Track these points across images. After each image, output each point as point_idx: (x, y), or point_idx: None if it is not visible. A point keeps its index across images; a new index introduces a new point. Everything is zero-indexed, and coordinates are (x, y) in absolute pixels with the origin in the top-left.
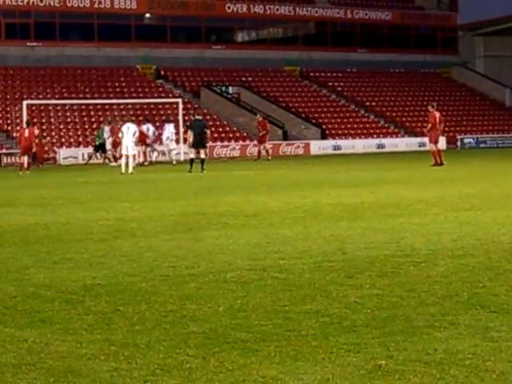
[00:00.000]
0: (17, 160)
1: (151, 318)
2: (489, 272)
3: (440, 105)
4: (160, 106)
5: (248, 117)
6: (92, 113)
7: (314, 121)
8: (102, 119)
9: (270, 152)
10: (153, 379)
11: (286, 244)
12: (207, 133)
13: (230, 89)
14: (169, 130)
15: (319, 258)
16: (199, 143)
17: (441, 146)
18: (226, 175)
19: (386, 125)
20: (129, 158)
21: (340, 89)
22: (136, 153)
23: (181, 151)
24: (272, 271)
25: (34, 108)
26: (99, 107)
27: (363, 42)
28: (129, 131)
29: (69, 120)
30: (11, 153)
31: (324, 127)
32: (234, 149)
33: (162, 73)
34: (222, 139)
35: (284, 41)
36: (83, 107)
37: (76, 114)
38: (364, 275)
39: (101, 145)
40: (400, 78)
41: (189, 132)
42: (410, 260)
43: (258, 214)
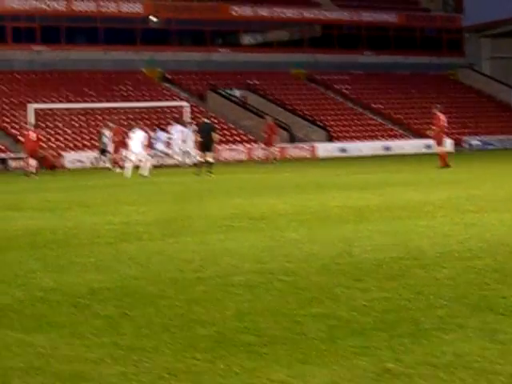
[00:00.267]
0: (24, 164)
1: (159, 322)
2: (496, 274)
3: (446, 107)
4: (166, 110)
5: (254, 120)
6: (98, 116)
7: (321, 123)
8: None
9: (278, 155)
10: (160, 383)
11: (293, 247)
12: (214, 136)
13: (237, 92)
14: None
15: (326, 261)
16: (205, 147)
17: (447, 148)
18: (233, 178)
19: (393, 127)
20: (137, 157)
21: (346, 91)
22: (147, 157)
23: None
24: (279, 274)
25: (41, 112)
26: (105, 111)
27: (369, 45)
28: (137, 136)
29: (75, 124)
30: (18, 157)
31: (330, 130)
32: (241, 152)
33: (168, 76)
34: (229, 142)
35: (290, 44)
36: (89, 111)
37: (84, 118)
38: (371, 278)
39: (103, 150)
40: (406, 80)
41: (197, 135)
42: (418, 262)
43: (265, 217)
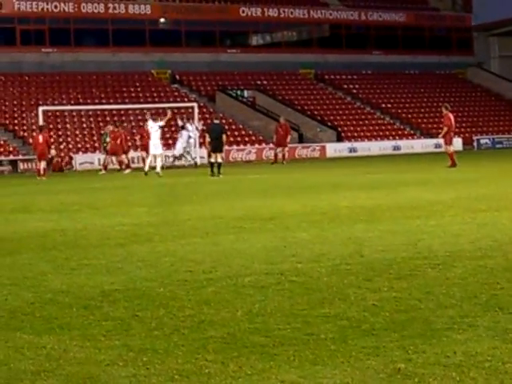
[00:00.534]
0: (33, 166)
1: (169, 324)
2: (507, 273)
3: (455, 106)
4: (175, 111)
5: (263, 120)
6: (108, 118)
7: (330, 123)
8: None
9: (287, 156)
10: None
11: (304, 247)
12: (223, 137)
13: (245, 92)
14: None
15: (337, 261)
16: (215, 147)
17: (455, 147)
18: (243, 179)
19: (402, 126)
20: (156, 158)
21: (355, 91)
22: (163, 152)
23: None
24: (290, 275)
25: (50, 114)
26: (115, 112)
27: (378, 44)
28: (153, 129)
29: (84, 125)
30: (27, 159)
31: (340, 130)
32: (250, 152)
33: (177, 77)
34: (238, 143)
35: (298, 44)
36: (98, 113)
37: (91, 120)
38: (382, 278)
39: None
40: (415, 80)
41: (206, 136)
42: (428, 262)
43: (275, 218)
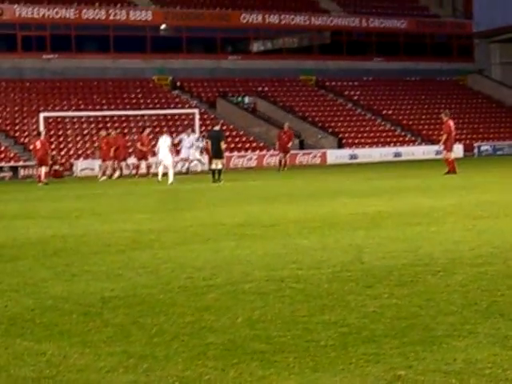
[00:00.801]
0: (34, 172)
1: (170, 330)
2: (507, 280)
3: (456, 112)
4: (176, 117)
5: (264, 127)
6: (108, 125)
7: (331, 130)
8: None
9: (288, 162)
10: None
11: (304, 254)
12: (222, 144)
13: (246, 99)
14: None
15: (337, 268)
16: (215, 154)
17: (456, 154)
18: (244, 185)
19: (403, 133)
20: (168, 169)
21: (356, 97)
22: (172, 163)
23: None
24: (290, 282)
25: (51, 120)
26: (115, 119)
27: (379, 51)
28: (165, 143)
29: (85, 132)
30: (28, 165)
31: (340, 136)
32: (251, 159)
33: (178, 84)
34: (239, 149)
35: (299, 50)
36: (99, 119)
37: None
38: (382, 285)
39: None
40: (416, 86)
41: (208, 142)
42: (429, 269)
43: (276, 224)
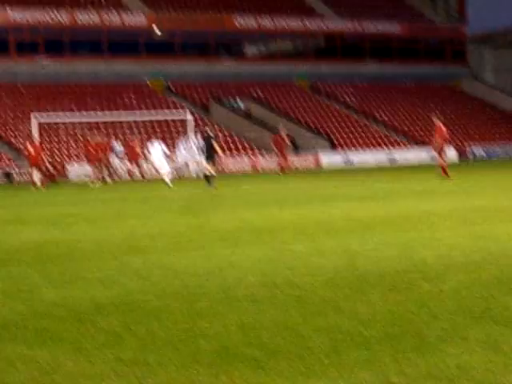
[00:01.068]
0: (28, 177)
1: (162, 336)
2: (501, 286)
3: (450, 116)
4: (170, 121)
5: (258, 131)
6: (102, 129)
7: (324, 134)
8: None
9: (287, 166)
10: None
11: (298, 260)
12: (214, 148)
13: (240, 103)
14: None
15: (331, 274)
16: (207, 159)
17: (450, 158)
18: (238, 190)
19: (396, 137)
20: (164, 176)
21: (350, 101)
22: (169, 170)
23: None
24: (284, 287)
25: (44, 124)
26: (109, 123)
27: (372, 55)
28: (156, 149)
29: (79, 136)
30: (22, 170)
31: (334, 140)
32: (245, 163)
33: (172, 88)
34: (233, 153)
35: (293, 54)
36: (93, 123)
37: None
38: (376, 291)
39: None
40: (409, 91)
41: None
42: (422, 275)
43: (270, 230)
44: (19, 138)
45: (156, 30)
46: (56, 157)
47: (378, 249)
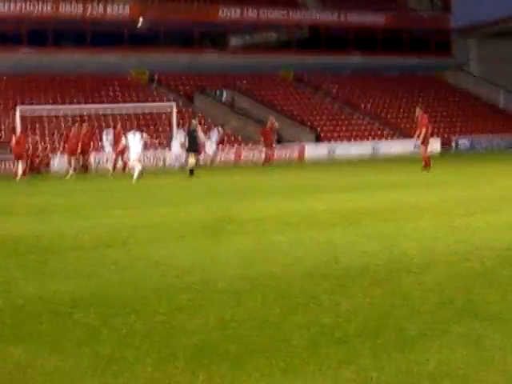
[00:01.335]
0: (11, 167)
1: (140, 331)
2: (483, 279)
3: (435, 107)
4: (154, 111)
5: (242, 121)
6: (86, 120)
7: (309, 125)
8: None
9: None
10: None
11: (280, 251)
12: (196, 137)
13: (224, 93)
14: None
15: (312, 266)
16: (190, 151)
17: (434, 148)
18: (221, 180)
19: (381, 128)
20: (135, 164)
21: (334, 93)
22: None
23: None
24: (264, 280)
25: (28, 115)
26: (93, 114)
27: (357, 46)
28: (135, 139)
29: (63, 127)
30: (5, 158)
31: (319, 131)
32: (229, 153)
33: (156, 78)
34: (217, 144)
35: (278, 45)
36: (77, 114)
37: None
38: (356, 284)
39: None
40: (394, 82)
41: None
42: (404, 267)
43: (253, 220)
44: (2, 131)
45: (140, 22)
46: (40, 148)
47: (360, 241)
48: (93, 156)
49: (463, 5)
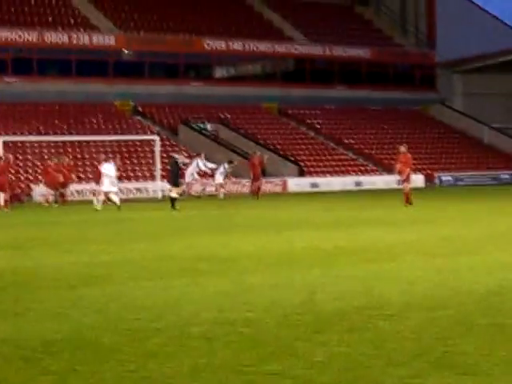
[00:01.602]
0: None
1: (109, 379)
2: (459, 327)
3: (418, 142)
4: (138, 143)
5: (226, 154)
6: (69, 149)
7: (292, 158)
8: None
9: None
10: None
11: (256, 294)
12: (178, 171)
13: (208, 126)
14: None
15: (288, 311)
16: (170, 181)
17: (417, 184)
18: (204, 214)
19: (364, 162)
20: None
21: (318, 126)
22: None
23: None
24: (239, 325)
25: (11, 144)
26: (76, 144)
27: (342, 79)
28: (110, 168)
29: (45, 156)
30: None
31: (302, 164)
32: (212, 186)
33: (140, 109)
34: (201, 176)
35: (263, 78)
36: (60, 144)
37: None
38: (333, 331)
39: None
40: (378, 116)
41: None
42: (381, 313)
43: (231, 259)
44: None
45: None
46: (21, 177)
47: (339, 283)
48: (74, 187)
49: (448, 40)
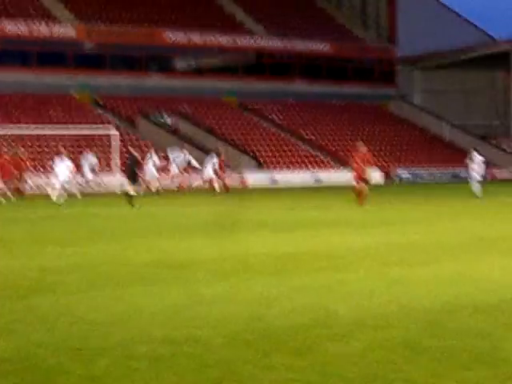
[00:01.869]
0: None
1: None
2: (406, 351)
3: (377, 138)
4: (96, 135)
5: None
6: (29, 142)
7: (251, 152)
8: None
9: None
10: None
11: (208, 307)
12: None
13: (168, 118)
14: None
15: (237, 328)
16: (128, 177)
17: (376, 180)
18: (164, 212)
19: (324, 157)
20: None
21: (278, 120)
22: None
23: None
24: (185, 345)
25: None
26: (34, 136)
27: (302, 73)
28: (63, 164)
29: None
30: None
31: (260, 159)
32: (173, 181)
33: (100, 101)
34: (161, 171)
35: (223, 71)
36: (18, 135)
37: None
38: (280, 353)
39: None
40: (338, 110)
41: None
42: (330, 332)
43: (187, 266)
44: None
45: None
46: None
47: (291, 296)
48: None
49: (409, 36)
